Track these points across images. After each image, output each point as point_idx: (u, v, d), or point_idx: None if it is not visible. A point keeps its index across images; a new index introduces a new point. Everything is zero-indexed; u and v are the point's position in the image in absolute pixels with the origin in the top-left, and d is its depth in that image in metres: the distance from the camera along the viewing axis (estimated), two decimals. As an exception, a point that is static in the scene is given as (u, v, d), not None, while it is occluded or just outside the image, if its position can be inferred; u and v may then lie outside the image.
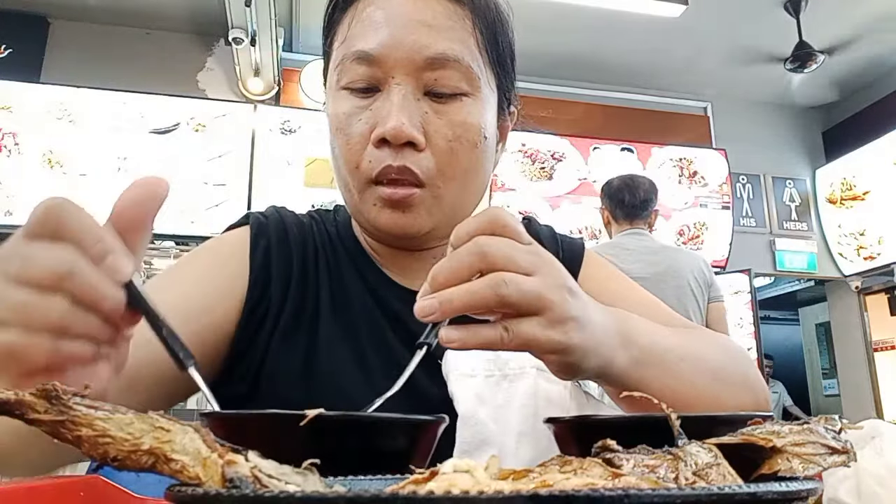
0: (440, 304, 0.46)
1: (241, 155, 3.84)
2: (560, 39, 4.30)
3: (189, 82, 4.12)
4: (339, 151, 0.72)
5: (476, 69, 0.71)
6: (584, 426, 0.42)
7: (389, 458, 0.40)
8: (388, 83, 0.69)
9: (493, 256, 0.46)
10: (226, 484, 0.29)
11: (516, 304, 0.46)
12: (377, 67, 0.69)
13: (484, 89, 0.73)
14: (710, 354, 0.65)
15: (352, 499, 0.24)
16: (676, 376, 0.59)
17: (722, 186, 4.63)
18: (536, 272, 0.48)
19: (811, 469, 0.33)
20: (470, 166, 0.72)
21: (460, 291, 0.46)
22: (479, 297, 0.45)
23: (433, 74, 0.69)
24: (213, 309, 0.70)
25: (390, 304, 0.76)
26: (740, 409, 0.64)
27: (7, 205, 3.54)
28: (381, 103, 0.69)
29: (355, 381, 0.71)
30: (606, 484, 0.28)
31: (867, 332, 4.86)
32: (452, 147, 0.70)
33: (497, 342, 0.47)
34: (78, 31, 4.07)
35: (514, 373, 0.69)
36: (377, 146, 0.68)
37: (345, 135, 0.71)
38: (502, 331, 0.47)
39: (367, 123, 0.69)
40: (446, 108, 0.70)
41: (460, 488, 0.24)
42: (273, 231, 0.78)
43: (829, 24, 4.17)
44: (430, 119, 0.69)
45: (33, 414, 0.31)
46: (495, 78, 0.75)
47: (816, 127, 5.27)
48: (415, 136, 0.67)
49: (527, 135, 4.33)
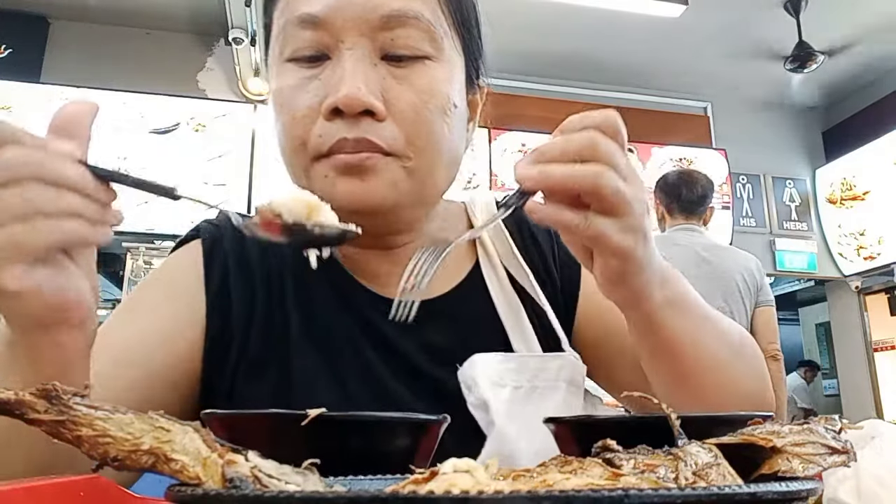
0: (539, 172, 0.49)
1: (241, 155, 3.84)
2: (560, 39, 4.30)
3: (189, 82, 4.12)
4: (282, 130, 0.64)
5: (438, 29, 0.63)
6: (584, 426, 0.42)
7: (390, 458, 0.40)
8: (338, 49, 0.61)
9: (602, 152, 0.48)
10: (226, 484, 0.29)
11: (606, 199, 0.48)
12: (324, 31, 0.61)
13: (449, 52, 0.65)
14: (729, 330, 0.65)
15: (352, 499, 0.24)
16: (699, 330, 0.60)
17: (722, 186, 4.63)
18: (630, 181, 0.50)
19: (811, 469, 0.33)
20: (441, 136, 0.63)
21: (562, 168, 0.48)
22: (578, 179, 0.48)
23: (390, 34, 0.61)
24: (174, 343, 0.65)
25: (367, 316, 0.69)
26: (751, 393, 0.64)
27: (7, 205, 3.54)
28: (332, 71, 0.61)
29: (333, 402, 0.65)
30: (606, 484, 0.28)
31: (867, 332, 4.86)
32: (419, 113, 0.61)
33: (574, 226, 0.49)
34: (78, 31, 4.07)
35: (544, 385, 0.66)
36: (329, 118, 0.60)
37: (290, 109, 0.62)
38: (582, 218, 0.49)
39: (316, 95, 0.61)
40: (407, 72, 0.62)
41: (460, 488, 0.24)
42: (228, 245, 0.70)
43: (829, 25, 4.17)
44: (391, 85, 0.61)
45: (33, 414, 0.31)
46: (461, 41, 0.68)
47: (816, 127, 5.27)
48: (373, 102, 0.59)
49: (527, 135, 4.33)
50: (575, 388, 0.68)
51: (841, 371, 5.25)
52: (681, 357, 0.59)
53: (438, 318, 0.69)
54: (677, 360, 0.60)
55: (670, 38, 4.27)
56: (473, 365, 0.65)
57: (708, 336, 0.61)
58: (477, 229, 0.65)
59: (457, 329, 0.70)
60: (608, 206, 0.49)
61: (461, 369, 0.66)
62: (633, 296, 0.55)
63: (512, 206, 0.51)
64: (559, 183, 0.49)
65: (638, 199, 0.50)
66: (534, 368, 0.67)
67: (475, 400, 0.64)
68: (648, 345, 0.60)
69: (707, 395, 0.61)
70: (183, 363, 0.65)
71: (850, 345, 5.03)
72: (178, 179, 3.68)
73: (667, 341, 0.59)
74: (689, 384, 0.61)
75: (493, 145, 4.28)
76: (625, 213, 0.49)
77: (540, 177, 0.49)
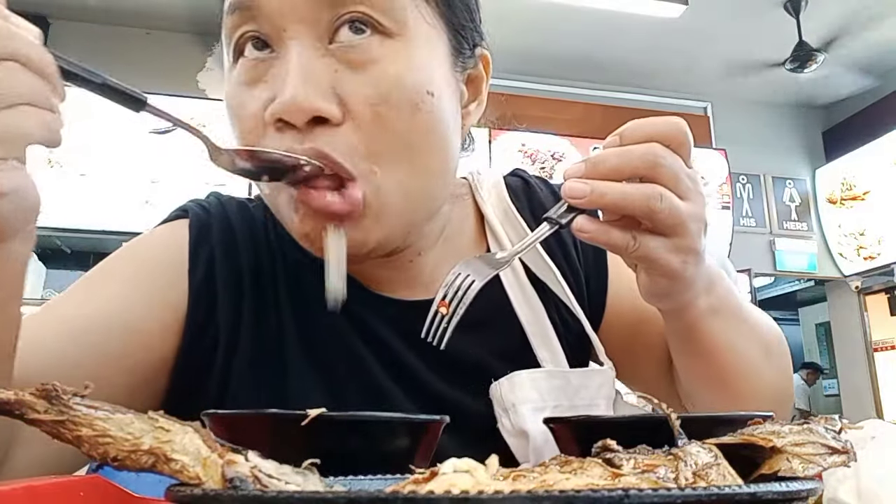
0: (592, 191, 0.45)
1: (241, 155, 3.84)
2: (560, 39, 4.30)
3: (189, 82, 4.11)
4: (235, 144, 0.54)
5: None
6: (584, 426, 0.42)
7: (390, 458, 0.40)
8: (280, 39, 0.51)
9: (662, 169, 0.46)
10: (226, 484, 0.29)
11: (660, 221, 0.46)
12: (262, 19, 0.51)
13: (416, 25, 0.53)
14: (764, 329, 0.63)
15: (352, 499, 0.24)
16: (737, 335, 0.58)
17: (722, 186, 4.63)
18: (689, 198, 0.47)
19: (811, 469, 0.33)
20: (414, 138, 0.52)
21: (615, 189, 0.45)
22: (630, 203, 0.45)
23: (336, 13, 0.50)
24: (142, 326, 0.57)
25: (362, 316, 0.62)
26: (778, 389, 0.63)
27: (7, 205, 3.54)
28: (277, 70, 0.51)
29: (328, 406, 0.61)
30: (606, 484, 0.28)
31: (867, 332, 4.85)
32: (379, 112, 0.50)
33: (623, 247, 0.47)
34: (78, 31, 4.07)
35: (583, 404, 0.62)
36: (277, 129, 0.50)
37: (238, 120, 0.53)
38: (631, 239, 0.47)
39: (260, 100, 0.51)
40: (361, 58, 0.51)
41: (460, 488, 0.24)
42: (217, 232, 0.63)
43: (828, 24, 4.17)
44: (344, 78, 0.50)
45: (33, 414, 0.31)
46: (437, 7, 0.56)
47: (816, 127, 5.27)
48: (320, 106, 0.49)
49: (527, 135, 4.33)
50: (611, 403, 0.65)
51: (841, 371, 5.25)
52: (717, 361, 0.58)
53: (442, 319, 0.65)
54: (713, 364, 0.58)
55: (670, 38, 4.27)
56: (513, 385, 0.59)
57: (745, 339, 0.59)
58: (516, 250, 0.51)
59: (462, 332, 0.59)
60: (661, 227, 0.47)
61: (496, 386, 0.60)
62: (677, 306, 0.54)
63: (558, 226, 0.48)
64: (611, 205, 0.46)
65: (695, 217, 0.48)
66: (576, 386, 0.62)
67: (511, 427, 0.59)
68: (686, 349, 0.59)
69: (740, 397, 0.59)
70: (147, 349, 0.57)
71: (850, 345, 5.03)
72: (178, 179, 3.68)
73: (705, 347, 0.57)
74: (721, 386, 0.59)
75: (493, 145, 4.29)
76: (678, 234, 0.47)
77: (592, 196, 0.45)
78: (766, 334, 0.63)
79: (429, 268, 0.65)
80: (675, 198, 0.46)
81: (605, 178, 0.46)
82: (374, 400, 0.60)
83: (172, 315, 0.59)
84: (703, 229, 0.49)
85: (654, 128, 0.47)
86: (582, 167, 0.47)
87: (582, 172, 0.46)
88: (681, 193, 0.47)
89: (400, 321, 0.62)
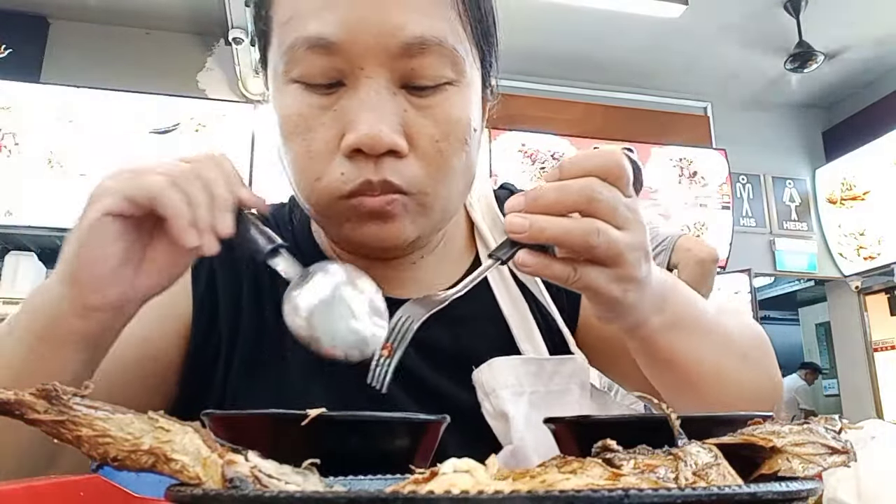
0: (531, 226, 0.47)
1: (241, 155, 3.83)
2: (560, 39, 4.30)
3: (189, 82, 4.11)
4: (294, 160, 0.60)
5: (461, 51, 0.59)
6: (584, 426, 0.42)
7: (390, 458, 0.40)
8: (354, 76, 0.56)
9: (599, 204, 0.47)
10: (226, 484, 0.29)
11: (599, 255, 0.48)
12: (339, 57, 0.56)
13: (469, 72, 0.61)
14: (738, 336, 0.64)
15: (352, 499, 0.24)
16: (702, 348, 0.59)
17: (722, 186, 4.63)
18: (627, 229, 0.49)
19: (811, 469, 0.33)
20: (459, 166, 0.61)
21: (555, 225, 0.47)
22: (570, 237, 0.47)
23: (411, 63, 0.56)
24: (153, 336, 0.63)
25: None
26: (759, 394, 0.64)
27: (7, 205, 3.54)
28: (349, 101, 0.57)
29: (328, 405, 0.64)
30: (606, 484, 0.28)
31: (867, 332, 4.86)
32: (440, 149, 0.59)
33: (564, 279, 0.49)
34: (78, 31, 4.07)
35: (558, 389, 0.66)
36: (350, 157, 0.57)
37: (304, 141, 0.59)
38: (571, 271, 0.48)
39: (332, 128, 0.57)
40: (429, 101, 0.58)
41: (460, 488, 0.24)
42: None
43: (829, 24, 4.17)
44: (411, 118, 0.57)
45: (33, 414, 0.31)
46: (479, 53, 0.63)
47: (816, 127, 5.27)
48: (396, 142, 0.56)
49: (527, 135, 4.33)
50: (585, 390, 0.68)
51: (841, 371, 5.25)
52: (683, 372, 0.59)
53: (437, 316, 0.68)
54: (679, 374, 0.60)
55: (670, 38, 4.27)
56: (493, 370, 0.63)
57: (711, 349, 0.60)
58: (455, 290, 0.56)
59: (457, 328, 0.68)
60: (601, 260, 0.49)
61: (478, 373, 0.64)
62: (627, 326, 0.56)
63: (501, 260, 0.50)
64: (550, 240, 0.48)
65: (634, 247, 0.49)
66: (550, 371, 0.66)
67: (493, 410, 0.63)
68: (648, 363, 0.61)
69: (711, 404, 0.60)
70: (158, 358, 0.64)
71: (850, 345, 5.03)
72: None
73: (666, 360, 0.59)
74: (691, 394, 0.60)
75: (492, 145, 4.29)
76: (618, 265, 0.49)
77: (532, 231, 0.47)
78: (739, 339, 0.64)
79: (429, 270, 0.71)
80: (613, 230, 0.48)
81: (545, 212, 0.48)
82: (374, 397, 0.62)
83: (180, 324, 0.66)
84: (644, 256, 0.51)
85: (591, 162, 0.49)
86: (522, 201, 0.48)
87: (522, 207, 0.48)
88: (619, 225, 0.48)
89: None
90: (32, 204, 3.53)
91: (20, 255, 3.48)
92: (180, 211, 0.47)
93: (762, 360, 0.66)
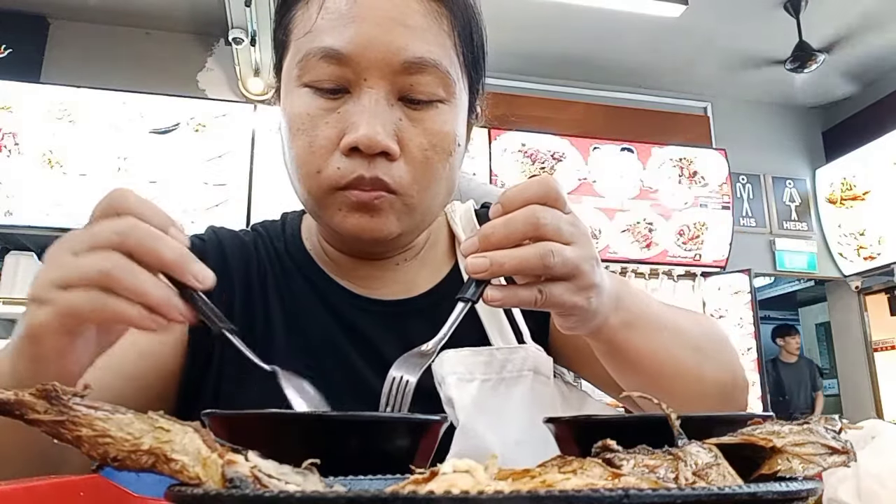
0: (491, 264, 0.51)
1: (241, 155, 3.84)
2: (560, 39, 4.30)
3: (189, 82, 4.12)
4: (297, 154, 0.67)
5: (453, 74, 0.67)
6: (584, 426, 0.42)
7: (390, 458, 0.40)
8: (359, 85, 0.64)
9: (545, 228, 0.51)
10: (226, 484, 0.29)
11: (556, 272, 0.52)
12: (348, 68, 0.64)
13: (459, 94, 0.69)
14: (692, 330, 0.68)
15: (352, 499, 0.24)
16: (657, 342, 0.64)
17: (722, 186, 4.63)
18: (575, 242, 0.53)
19: (811, 469, 0.33)
20: (443, 175, 0.69)
21: (511, 256, 0.51)
22: (528, 264, 0.51)
23: (409, 79, 0.65)
24: (152, 349, 0.68)
25: (349, 317, 0.74)
26: (719, 385, 0.68)
27: (7, 205, 3.54)
28: (351, 107, 0.64)
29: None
30: (606, 484, 0.28)
31: (867, 332, 4.86)
32: (427, 156, 0.66)
33: (532, 303, 0.53)
34: (78, 31, 4.07)
35: (511, 376, 0.70)
36: (347, 154, 0.64)
37: (308, 136, 0.66)
38: (537, 293, 0.52)
39: (335, 127, 0.65)
40: (421, 115, 0.66)
41: (460, 488, 0.24)
42: (211, 258, 0.74)
43: (828, 24, 4.17)
44: (405, 127, 0.65)
45: (33, 414, 0.31)
46: (468, 80, 0.72)
47: (816, 127, 5.28)
48: (389, 145, 0.63)
49: (527, 135, 4.33)
50: (541, 377, 0.72)
51: (841, 371, 5.26)
52: (644, 369, 0.63)
53: (419, 316, 0.74)
54: (642, 372, 0.64)
55: (670, 38, 4.28)
56: (443, 361, 0.68)
57: (668, 345, 0.64)
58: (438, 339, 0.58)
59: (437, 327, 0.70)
60: (560, 276, 0.52)
61: (433, 366, 0.68)
62: (591, 330, 0.59)
63: (471, 301, 0.53)
64: (511, 271, 0.51)
65: (585, 258, 0.53)
66: (501, 360, 0.70)
67: (444, 397, 0.67)
68: (613, 364, 0.65)
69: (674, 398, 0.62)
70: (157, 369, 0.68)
71: (850, 345, 5.04)
72: (178, 179, 3.69)
73: (628, 358, 0.63)
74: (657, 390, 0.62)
75: (493, 145, 4.29)
76: (576, 277, 0.53)
77: (493, 268, 0.51)
78: (695, 334, 0.68)
79: (410, 272, 0.78)
80: (563, 248, 0.51)
81: (499, 246, 0.51)
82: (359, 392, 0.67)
83: (177, 336, 0.70)
84: (596, 262, 0.55)
85: (529, 191, 0.52)
86: (476, 242, 0.52)
87: (476, 248, 0.52)
88: (567, 241, 0.52)
89: (384, 316, 0.75)
90: (32, 204, 3.53)
91: (20, 255, 3.49)
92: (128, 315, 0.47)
93: (720, 353, 0.69)
